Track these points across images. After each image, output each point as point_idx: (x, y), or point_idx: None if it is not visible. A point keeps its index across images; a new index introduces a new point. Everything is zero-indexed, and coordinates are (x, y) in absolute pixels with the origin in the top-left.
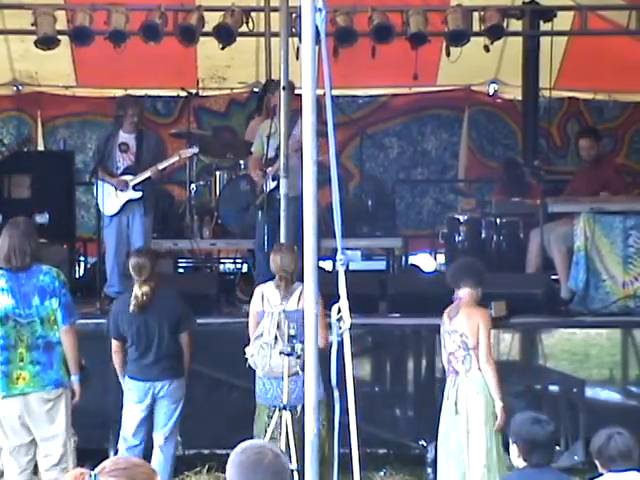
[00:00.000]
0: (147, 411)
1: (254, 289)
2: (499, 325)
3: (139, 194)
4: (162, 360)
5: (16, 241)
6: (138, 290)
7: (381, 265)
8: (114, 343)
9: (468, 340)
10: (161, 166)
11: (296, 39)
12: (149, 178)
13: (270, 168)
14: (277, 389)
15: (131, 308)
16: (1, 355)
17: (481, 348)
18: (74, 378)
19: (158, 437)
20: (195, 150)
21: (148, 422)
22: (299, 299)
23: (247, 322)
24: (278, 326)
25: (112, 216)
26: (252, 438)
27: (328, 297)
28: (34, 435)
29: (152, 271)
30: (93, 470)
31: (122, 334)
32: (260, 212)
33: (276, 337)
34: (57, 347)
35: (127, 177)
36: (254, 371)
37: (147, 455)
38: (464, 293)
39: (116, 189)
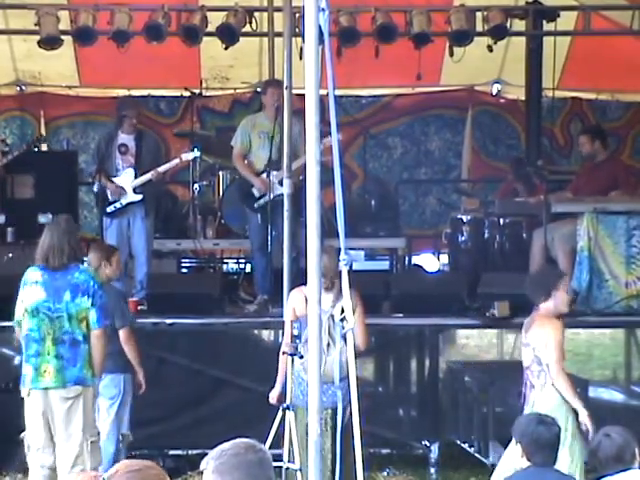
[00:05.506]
0: None
1: (290, 291)
2: (502, 325)
3: (140, 197)
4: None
5: (55, 240)
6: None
7: (384, 265)
8: None
9: (540, 354)
10: (162, 169)
11: (299, 39)
12: (150, 181)
13: (275, 172)
14: (327, 392)
15: None
16: (32, 347)
17: (550, 362)
18: (96, 381)
19: None
20: (197, 154)
21: None
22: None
23: (250, 322)
24: (328, 331)
25: (113, 218)
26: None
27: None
28: (53, 434)
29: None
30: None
31: None
32: (260, 214)
33: (328, 343)
34: (82, 345)
35: (127, 178)
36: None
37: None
38: (541, 306)
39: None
